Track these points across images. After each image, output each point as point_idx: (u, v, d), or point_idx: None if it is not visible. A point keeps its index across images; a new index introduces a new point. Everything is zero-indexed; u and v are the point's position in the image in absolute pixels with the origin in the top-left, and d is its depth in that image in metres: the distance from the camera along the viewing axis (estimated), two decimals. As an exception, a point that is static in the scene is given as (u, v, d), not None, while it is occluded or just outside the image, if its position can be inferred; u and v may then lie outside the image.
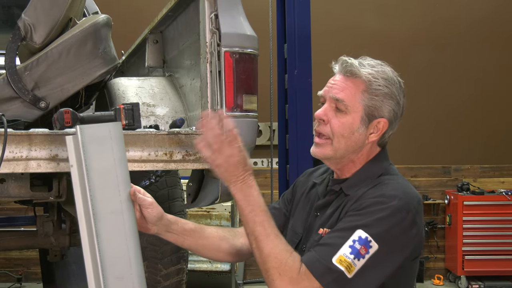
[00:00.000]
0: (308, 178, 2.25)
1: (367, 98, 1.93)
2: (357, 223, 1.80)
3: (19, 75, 2.66)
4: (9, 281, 7.33)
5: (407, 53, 7.53)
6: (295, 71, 4.32)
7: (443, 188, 7.67)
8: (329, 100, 1.97)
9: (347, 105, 1.93)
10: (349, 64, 1.95)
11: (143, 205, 2.03)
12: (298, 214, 2.17)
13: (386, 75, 1.95)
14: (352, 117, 1.94)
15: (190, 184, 2.76)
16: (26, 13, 2.73)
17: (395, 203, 1.82)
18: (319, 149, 1.99)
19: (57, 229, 3.66)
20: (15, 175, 2.58)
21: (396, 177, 1.96)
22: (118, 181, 1.93)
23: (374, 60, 2.00)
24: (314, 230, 2.01)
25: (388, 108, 1.95)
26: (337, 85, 1.96)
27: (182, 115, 2.79)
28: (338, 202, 1.98)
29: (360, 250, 1.76)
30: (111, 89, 2.91)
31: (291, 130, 4.38)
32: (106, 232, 1.87)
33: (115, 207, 1.92)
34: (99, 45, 2.78)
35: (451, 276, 7.47)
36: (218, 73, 2.33)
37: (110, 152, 1.93)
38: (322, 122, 1.98)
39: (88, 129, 1.91)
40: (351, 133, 1.94)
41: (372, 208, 1.81)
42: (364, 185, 1.94)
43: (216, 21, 2.35)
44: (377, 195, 1.85)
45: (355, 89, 1.94)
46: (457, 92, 7.66)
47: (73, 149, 1.90)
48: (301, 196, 2.20)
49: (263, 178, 7.51)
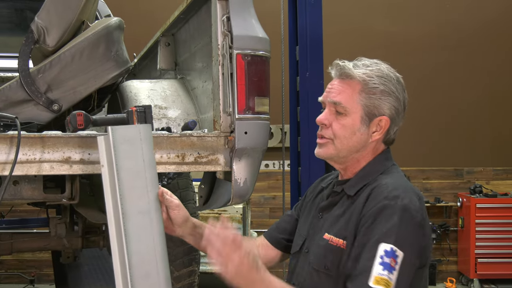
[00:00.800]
0: (318, 183, 2.26)
1: (364, 97, 1.95)
2: (376, 238, 1.79)
3: (32, 78, 2.67)
4: (22, 282, 7.37)
5: (418, 55, 7.51)
6: (306, 73, 4.33)
7: (455, 190, 7.64)
8: (329, 104, 2.01)
9: (345, 107, 1.95)
10: (343, 67, 1.98)
11: (170, 206, 2.05)
12: (304, 217, 2.18)
13: (381, 72, 1.97)
14: (352, 118, 1.96)
15: (202, 186, 2.77)
16: (39, 16, 2.74)
17: (400, 203, 1.82)
18: (322, 149, 2.01)
19: (69, 231, 3.67)
20: (28, 177, 2.59)
21: (393, 176, 1.96)
22: (147, 182, 1.95)
23: (370, 59, 2.02)
24: (318, 233, 2.01)
25: (387, 105, 1.96)
26: (334, 89, 1.99)
27: (194, 117, 2.79)
28: (343, 206, 1.98)
29: (390, 263, 1.76)
30: (123, 91, 2.92)
31: (303, 132, 4.38)
32: (134, 231, 1.89)
33: (144, 207, 1.94)
34: (112, 47, 2.79)
35: (464, 279, 7.43)
36: (230, 76, 2.33)
37: (140, 152, 1.95)
38: (324, 126, 2.00)
39: (120, 130, 1.94)
40: (352, 134, 1.96)
41: (382, 217, 1.81)
42: (364, 184, 1.95)
43: (228, 23, 2.35)
44: (380, 199, 1.85)
45: (351, 91, 1.96)
46: (469, 94, 7.63)
47: (104, 150, 1.93)
48: (309, 201, 2.21)
49: (274, 180, 7.52)
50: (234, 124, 2.34)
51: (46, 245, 3.74)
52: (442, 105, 7.54)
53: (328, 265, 1.90)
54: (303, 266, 2.03)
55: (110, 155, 1.91)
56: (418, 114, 7.07)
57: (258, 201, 7.65)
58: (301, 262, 2.05)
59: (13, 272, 7.42)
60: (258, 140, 2.39)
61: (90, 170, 2.25)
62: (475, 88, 7.65)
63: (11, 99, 2.68)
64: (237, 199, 2.46)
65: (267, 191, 7.65)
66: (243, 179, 2.40)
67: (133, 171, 1.93)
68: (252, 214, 7.19)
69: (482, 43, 7.69)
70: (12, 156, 2.12)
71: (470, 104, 7.63)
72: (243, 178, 2.40)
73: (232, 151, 2.37)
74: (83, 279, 4.87)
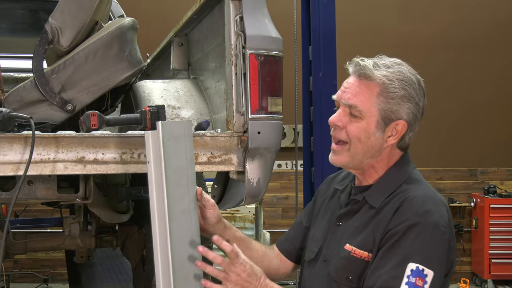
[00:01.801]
0: (329, 185, 2.20)
1: (382, 102, 1.85)
2: (404, 256, 1.74)
3: (47, 78, 2.69)
4: (36, 281, 7.41)
5: (431, 54, 7.48)
6: (320, 73, 4.32)
7: (469, 191, 7.60)
8: (343, 105, 1.91)
9: (361, 110, 1.86)
10: (362, 67, 1.86)
11: (206, 205, 2.03)
12: (318, 222, 2.12)
13: (402, 75, 1.86)
14: (367, 122, 1.86)
15: (215, 186, 2.77)
16: (53, 17, 2.76)
17: (431, 220, 1.76)
18: (337, 157, 1.93)
19: (83, 231, 3.68)
20: (42, 177, 2.61)
21: (419, 186, 1.90)
22: (189, 180, 1.93)
23: (391, 59, 1.91)
24: (338, 242, 1.94)
25: (406, 111, 1.86)
26: (351, 90, 1.89)
27: (207, 117, 2.80)
28: (365, 215, 1.91)
29: (416, 282, 1.71)
30: (137, 91, 2.93)
31: (316, 132, 4.37)
32: (177, 231, 1.86)
33: (185, 206, 1.91)
34: (125, 48, 2.79)
35: (478, 280, 7.39)
36: (243, 75, 2.33)
37: (184, 150, 1.93)
38: (338, 128, 1.92)
39: (168, 126, 1.90)
40: (367, 138, 1.87)
41: (412, 234, 1.75)
42: (388, 194, 1.88)
43: (241, 23, 2.35)
44: (410, 215, 1.78)
45: (369, 93, 1.85)
46: (483, 94, 7.59)
47: (151, 146, 1.88)
48: (322, 203, 2.16)
49: (287, 181, 7.52)
50: (247, 124, 2.33)
51: (60, 245, 3.75)
52: (456, 104, 7.50)
53: (351, 277, 1.85)
54: (319, 275, 1.98)
55: (158, 151, 1.87)
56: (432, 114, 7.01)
57: (271, 201, 7.65)
58: (317, 271, 2.00)
59: (27, 272, 7.47)
60: (271, 140, 2.39)
61: (104, 170, 2.26)
62: (490, 88, 7.61)
63: (25, 99, 2.70)
64: (250, 199, 2.45)
65: (280, 191, 7.65)
66: (256, 179, 2.40)
67: (178, 169, 1.90)
68: (264, 214, 7.19)
69: (495, 42, 7.66)
70: (27, 156, 2.13)
71: (484, 103, 7.59)
72: (256, 178, 2.40)
73: (245, 151, 2.36)
74: (96, 278, 4.89)
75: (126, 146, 2.26)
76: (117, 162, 2.26)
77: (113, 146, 2.25)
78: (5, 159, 2.15)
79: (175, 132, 1.91)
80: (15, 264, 7.41)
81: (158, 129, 1.87)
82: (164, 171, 1.86)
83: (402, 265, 1.73)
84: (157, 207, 1.86)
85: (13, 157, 2.16)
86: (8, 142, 2.15)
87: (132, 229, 3.68)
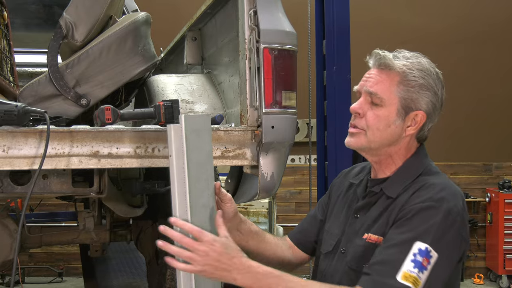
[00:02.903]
0: (343, 179, 2.22)
1: (402, 90, 1.89)
2: (413, 234, 1.75)
3: (61, 73, 2.70)
4: (51, 275, 7.47)
5: (446, 48, 7.44)
6: (334, 67, 4.30)
7: (484, 185, 7.56)
8: (364, 94, 1.94)
9: (381, 98, 1.90)
10: (383, 57, 1.92)
11: (224, 200, 2.03)
12: (335, 216, 2.13)
13: (421, 66, 1.91)
14: (388, 110, 1.90)
15: (228, 181, 2.77)
16: (68, 11, 2.77)
17: (445, 206, 1.78)
18: (353, 139, 1.96)
19: (97, 225, 3.70)
20: (57, 171, 2.62)
21: (438, 176, 1.92)
22: (208, 174, 1.91)
23: (410, 52, 1.96)
24: (356, 233, 1.96)
25: (425, 100, 1.90)
26: (372, 79, 1.93)
27: (220, 111, 2.80)
28: (382, 205, 1.93)
29: (422, 262, 1.72)
30: (150, 86, 2.94)
31: (330, 126, 4.36)
32: (198, 225, 1.81)
33: (205, 200, 1.90)
34: (139, 42, 2.80)
35: (492, 275, 7.36)
36: (257, 70, 2.32)
37: (204, 144, 1.91)
38: (358, 116, 1.95)
39: (191, 119, 1.88)
40: (386, 126, 1.91)
41: (424, 215, 1.77)
42: (405, 185, 1.90)
43: (255, 17, 2.34)
44: (425, 198, 1.80)
45: (389, 82, 1.90)
46: (498, 88, 7.54)
47: (173, 139, 1.86)
48: (337, 198, 2.17)
49: (300, 175, 7.51)
50: (261, 118, 2.33)
51: (75, 239, 3.77)
52: (471, 99, 7.46)
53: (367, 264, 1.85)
54: (337, 267, 1.99)
55: (181, 145, 1.84)
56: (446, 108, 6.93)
57: (284, 195, 7.65)
58: (336, 263, 2.01)
59: (42, 265, 7.52)
60: (285, 135, 2.38)
61: (118, 164, 2.26)
62: (504, 82, 7.56)
63: (40, 94, 2.72)
64: (263, 193, 2.45)
65: (293, 185, 7.64)
66: (270, 174, 2.40)
67: (199, 163, 1.88)
68: (278, 208, 7.19)
69: (509, 36, 7.60)
70: (42, 150, 2.14)
71: (499, 98, 7.54)
72: (270, 173, 2.40)
73: (259, 146, 2.36)
74: (110, 272, 4.92)
75: (140, 140, 2.26)
76: (131, 156, 2.26)
77: (127, 140, 2.26)
78: (20, 153, 2.16)
79: (196, 125, 1.89)
80: (30, 258, 7.47)
81: (181, 123, 1.85)
82: (187, 165, 1.84)
83: (410, 242, 1.74)
84: (178, 201, 1.85)
85: (28, 151, 2.17)
86: (23, 137, 2.17)
87: (146, 223, 3.70)
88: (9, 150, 2.15)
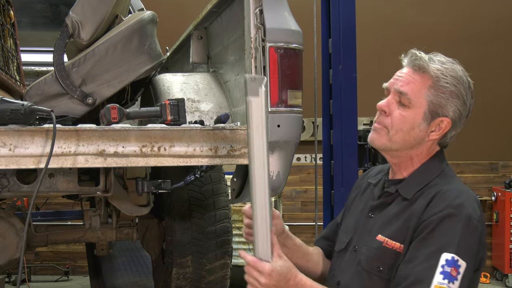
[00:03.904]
0: (362, 180, 2.22)
1: (432, 94, 1.87)
2: (438, 246, 1.74)
3: (67, 72, 2.71)
4: (57, 274, 7.48)
5: (452, 46, 7.39)
6: (339, 66, 4.30)
7: (490, 184, 7.54)
8: (393, 92, 1.92)
9: (410, 99, 1.87)
10: (419, 58, 1.89)
11: (273, 216, 2.00)
12: (350, 214, 2.13)
13: (455, 73, 1.89)
14: (415, 112, 1.88)
15: (234, 179, 2.77)
16: (74, 10, 2.77)
17: (465, 213, 1.76)
18: (376, 135, 1.94)
19: (103, 224, 3.71)
20: (63, 170, 2.62)
21: (452, 181, 1.91)
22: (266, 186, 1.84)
23: (446, 57, 1.94)
24: (369, 233, 1.95)
25: (453, 108, 1.88)
26: (404, 78, 1.90)
27: (226, 110, 2.80)
28: (397, 206, 1.91)
29: (451, 272, 1.71)
30: (156, 85, 2.94)
31: (335, 125, 4.35)
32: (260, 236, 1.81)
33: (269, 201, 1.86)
34: (145, 41, 2.80)
35: (498, 274, 7.34)
36: (263, 69, 2.32)
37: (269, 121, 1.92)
38: (384, 113, 1.93)
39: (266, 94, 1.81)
40: (410, 128, 1.89)
41: (445, 224, 1.76)
42: (421, 187, 1.89)
43: (261, 16, 2.34)
44: (443, 207, 1.78)
45: (421, 84, 1.88)
46: (504, 87, 7.52)
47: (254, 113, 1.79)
48: (355, 197, 2.17)
49: (306, 174, 7.51)
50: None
51: (81, 237, 3.77)
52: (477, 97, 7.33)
53: (381, 268, 1.85)
54: (349, 265, 1.98)
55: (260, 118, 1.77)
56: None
57: (290, 194, 7.64)
58: (347, 260, 2.01)
59: (48, 264, 7.54)
60: (291, 133, 2.38)
61: (124, 163, 2.26)
62: (510, 81, 7.53)
63: (46, 93, 2.72)
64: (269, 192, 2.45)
65: (299, 184, 7.64)
66: (275, 172, 2.40)
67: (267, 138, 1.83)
68: (283, 207, 7.19)
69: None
70: (48, 149, 2.15)
71: (505, 96, 7.51)
72: (276, 171, 2.40)
73: (265, 144, 2.36)
74: (116, 271, 4.92)
75: (146, 139, 2.26)
76: (137, 155, 2.26)
77: (133, 139, 2.26)
78: (26, 152, 2.17)
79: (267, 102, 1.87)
80: (36, 257, 7.49)
81: (261, 96, 1.78)
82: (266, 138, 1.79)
83: (436, 255, 1.73)
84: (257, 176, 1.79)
85: (35, 150, 2.17)
86: (30, 135, 2.17)
87: (152, 222, 3.70)
88: (15, 149, 2.16)
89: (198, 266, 3.38)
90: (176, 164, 2.30)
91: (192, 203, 3.33)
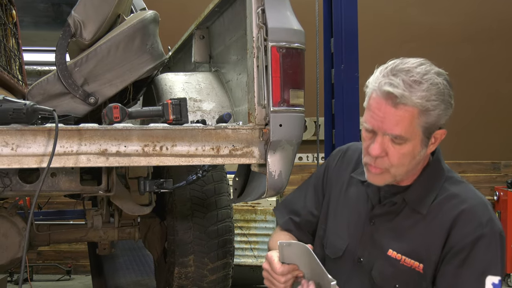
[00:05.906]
0: (340, 166, 2.11)
1: (423, 120, 1.75)
2: (481, 269, 1.72)
3: (69, 71, 2.71)
4: (59, 273, 7.48)
5: (454, 46, 7.41)
6: (341, 66, 4.29)
7: (492, 184, 7.53)
8: (382, 135, 1.79)
9: (404, 137, 1.76)
10: (400, 96, 1.72)
11: None
12: (339, 216, 2.05)
13: (436, 87, 1.75)
14: (412, 144, 1.78)
15: (236, 179, 2.77)
16: (76, 10, 2.77)
17: (496, 228, 1.75)
18: (378, 178, 1.85)
19: (106, 223, 3.71)
20: (65, 170, 2.63)
21: (466, 189, 1.87)
22: None
23: (414, 63, 1.77)
24: (374, 244, 1.90)
25: (444, 117, 1.79)
26: (389, 119, 1.74)
27: (228, 110, 2.80)
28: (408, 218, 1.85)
29: None
30: (158, 84, 2.94)
31: (337, 125, 4.34)
32: None
33: None
34: (147, 41, 2.81)
35: (501, 274, 7.33)
36: (265, 68, 2.32)
37: None
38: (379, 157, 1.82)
39: None
40: (412, 159, 1.80)
41: (483, 245, 1.73)
42: (431, 198, 1.84)
43: (263, 15, 2.34)
44: (475, 227, 1.75)
45: (410, 118, 1.74)
46: (506, 86, 7.51)
47: None
48: (339, 193, 2.07)
49: (308, 174, 7.49)
50: (268, 117, 2.33)
51: (83, 237, 3.78)
52: (479, 97, 7.42)
53: (398, 285, 1.83)
54: (356, 276, 1.93)
55: None
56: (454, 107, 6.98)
57: (292, 194, 7.63)
58: (349, 271, 1.95)
59: (50, 263, 7.54)
60: (293, 133, 2.38)
61: (126, 162, 2.27)
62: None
63: (48, 92, 2.73)
64: (271, 191, 2.45)
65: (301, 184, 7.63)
66: (277, 172, 2.40)
67: None
68: (285, 207, 7.17)
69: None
70: (50, 149, 2.15)
71: (506, 96, 7.50)
72: (278, 171, 2.40)
73: (267, 144, 2.36)
74: (118, 270, 4.93)
75: (149, 138, 2.27)
76: (140, 155, 2.27)
77: (136, 138, 2.26)
78: (29, 152, 2.17)
79: None
80: (38, 256, 7.49)
81: None
82: None
83: (481, 279, 1.71)
84: None
85: (37, 149, 2.17)
86: (32, 135, 2.17)
87: (154, 222, 3.70)
88: (17, 148, 2.16)
89: (200, 266, 3.38)
90: (178, 163, 2.30)
91: (194, 203, 3.33)
